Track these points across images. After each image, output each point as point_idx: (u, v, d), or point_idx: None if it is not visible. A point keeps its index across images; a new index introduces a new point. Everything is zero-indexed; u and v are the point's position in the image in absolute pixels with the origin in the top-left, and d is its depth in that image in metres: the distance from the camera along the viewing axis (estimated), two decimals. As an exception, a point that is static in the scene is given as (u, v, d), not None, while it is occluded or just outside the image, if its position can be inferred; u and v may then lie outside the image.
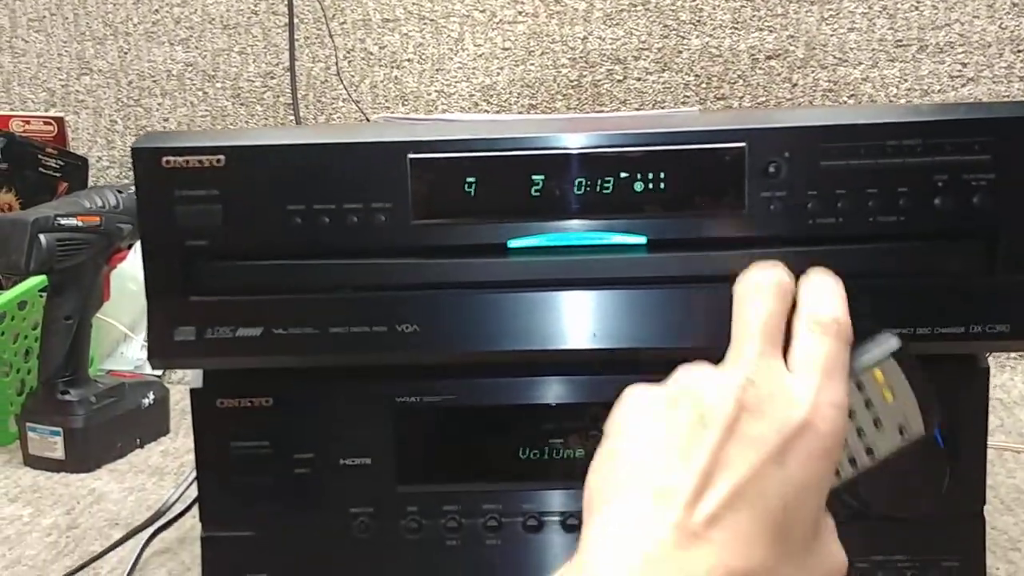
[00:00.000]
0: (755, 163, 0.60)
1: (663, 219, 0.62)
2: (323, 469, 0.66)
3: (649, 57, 1.41)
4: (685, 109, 1.37)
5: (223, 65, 1.53)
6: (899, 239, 0.61)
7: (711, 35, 1.39)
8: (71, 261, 1.01)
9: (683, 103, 1.41)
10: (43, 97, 1.58)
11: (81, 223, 1.02)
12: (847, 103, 1.36)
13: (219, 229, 0.62)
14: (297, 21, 1.49)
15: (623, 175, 0.61)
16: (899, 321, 0.60)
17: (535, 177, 0.61)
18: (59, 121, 1.53)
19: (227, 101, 1.54)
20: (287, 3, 1.49)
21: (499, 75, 1.45)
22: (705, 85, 1.40)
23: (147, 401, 1.12)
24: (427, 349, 0.62)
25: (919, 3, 1.34)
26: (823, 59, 1.36)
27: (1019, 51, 1.32)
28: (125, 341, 1.34)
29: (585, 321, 0.62)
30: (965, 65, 1.33)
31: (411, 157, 0.61)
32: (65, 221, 1.00)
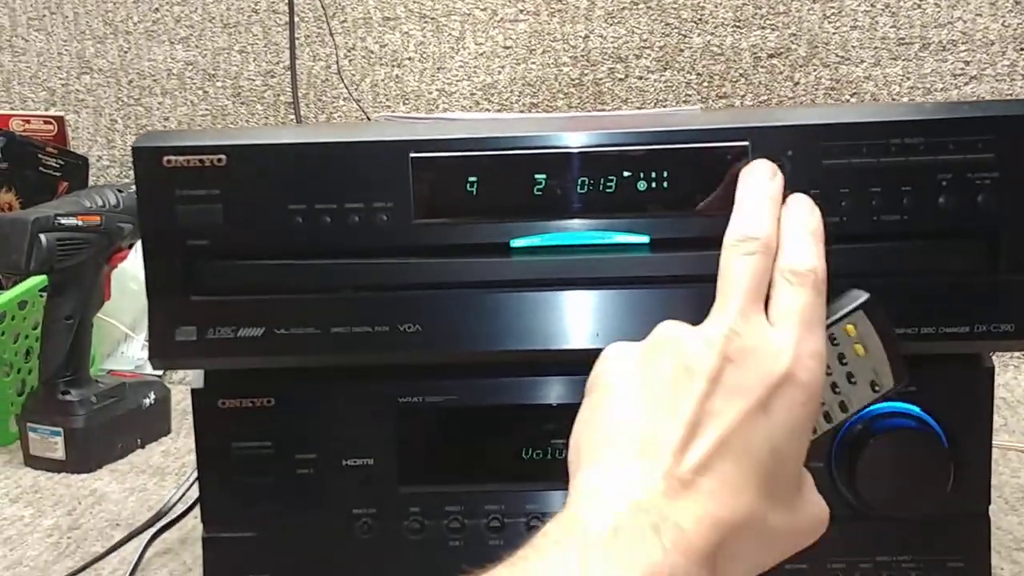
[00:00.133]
0: (758, 162, 0.59)
1: (666, 218, 0.61)
2: (325, 470, 0.66)
3: (651, 56, 1.41)
4: (687, 108, 1.37)
5: (223, 64, 1.53)
6: (902, 238, 0.60)
7: (713, 33, 1.39)
8: (72, 261, 1.01)
9: (685, 102, 1.40)
10: (43, 96, 1.58)
11: (81, 222, 1.01)
12: (849, 101, 1.36)
13: (220, 228, 0.62)
14: (297, 20, 1.49)
15: (626, 174, 0.60)
16: (903, 321, 0.60)
17: (538, 176, 0.61)
18: (59, 120, 1.53)
19: (227, 100, 1.53)
20: (287, 2, 1.48)
21: (500, 74, 1.45)
22: (707, 84, 1.40)
23: (148, 401, 1.11)
24: (429, 349, 0.62)
25: (921, 1, 1.34)
26: (825, 57, 1.36)
27: (1022, 49, 1.32)
28: (126, 341, 1.34)
29: (588, 321, 0.62)
30: (968, 63, 1.33)
31: (413, 156, 0.61)
32: (65, 220, 1.00)
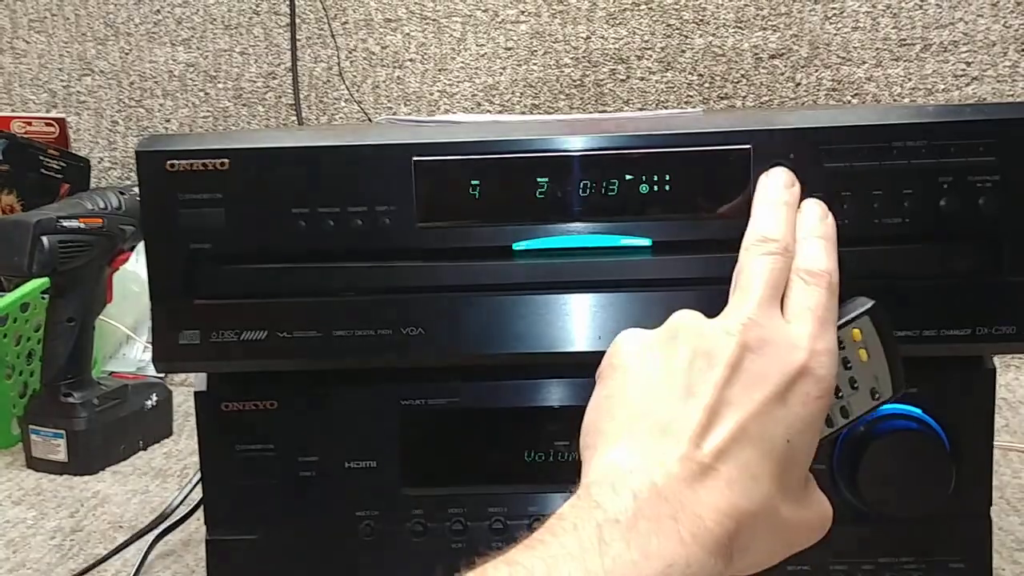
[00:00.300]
0: (761, 164, 0.59)
1: (668, 221, 0.61)
2: (328, 472, 0.66)
3: (652, 56, 1.41)
4: (689, 110, 1.37)
5: (225, 66, 1.53)
6: (904, 241, 0.60)
7: (714, 34, 1.39)
8: (74, 263, 1.01)
9: (686, 103, 1.40)
10: (44, 98, 1.58)
11: (83, 225, 1.01)
12: (851, 102, 1.36)
13: (223, 232, 0.62)
14: (299, 21, 1.49)
15: (628, 177, 0.60)
16: (905, 323, 0.60)
17: (540, 179, 0.61)
18: (61, 122, 1.53)
19: (229, 102, 1.53)
20: (289, 3, 1.49)
21: (502, 75, 1.45)
22: (708, 85, 1.40)
23: (150, 403, 1.12)
24: (432, 352, 0.62)
25: (923, 2, 1.34)
26: (827, 58, 1.36)
27: (1023, 50, 1.32)
28: (128, 343, 1.34)
29: (590, 324, 0.62)
30: (969, 64, 1.33)
31: (416, 160, 0.61)
32: (67, 223, 1.00)
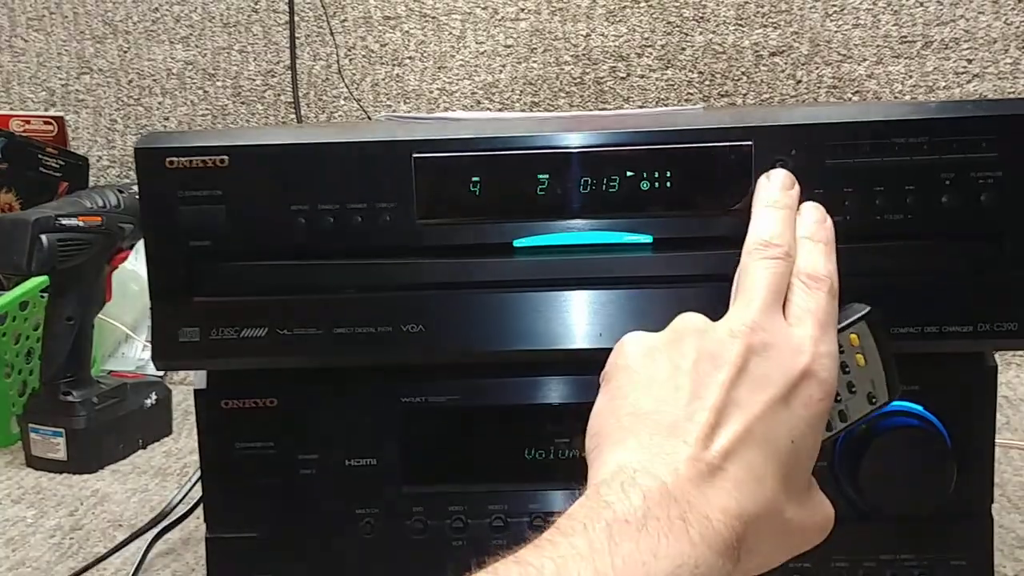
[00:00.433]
0: (762, 161, 0.59)
1: (669, 218, 0.61)
2: (328, 470, 0.65)
3: (652, 54, 1.41)
4: (689, 107, 1.37)
5: (223, 64, 1.53)
6: (905, 237, 0.60)
7: (715, 32, 1.39)
8: (73, 261, 1.01)
9: (686, 100, 1.40)
10: (43, 97, 1.58)
11: (82, 223, 1.01)
12: (851, 100, 1.36)
13: (223, 229, 0.61)
14: (298, 19, 1.49)
15: (629, 174, 0.60)
16: (906, 320, 0.60)
17: (541, 176, 0.61)
18: (59, 121, 1.53)
19: (228, 100, 1.53)
20: (287, 1, 1.48)
21: (501, 72, 1.45)
22: (708, 82, 1.40)
23: (149, 402, 1.11)
24: (432, 349, 0.62)
25: (923, -1, 1.34)
26: (827, 56, 1.36)
27: None
28: (127, 341, 1.34)
29: (591, 321, 0.62)
30: (970, 61, 1.33)
31: (416, 156, 0.61)
32: (66, 221, 1.00)
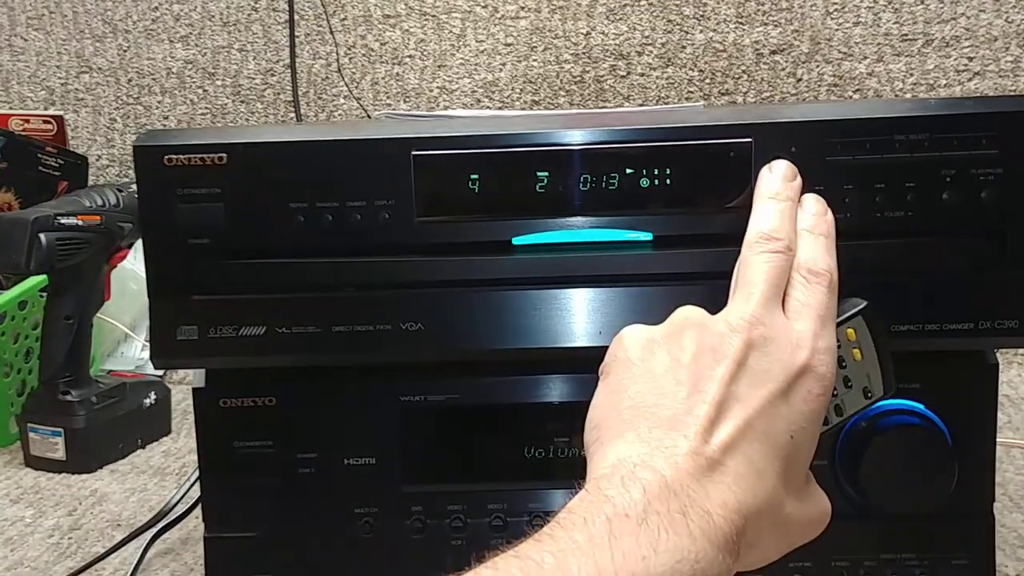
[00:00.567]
0: (762, 158, 0.59)
1: (669, 215, 0.61)
2: (327, 469, 0.65)
3: (652, 52, 1.40)
4: (689, 104, 1.36)
5: (223, 63, 1.53)
6: (906, 235, 0.60)
7: (715, 30, 1.38)
8: (72, 260, 1.01)
9: (687, 98, 1.40)
10: (42, 96, 1.58)
11: (81, 222, 1.01)
12: (852, 98, 1.36)
13: (221, 227, 0.61)
14: (297, 18, 1.49)
15: (629, 171, 0.60)
16: (907, 317, 0.59)
17: (540, 174, 0.60)
18: (58, 120, 1.53)
19: (227, 99, 1.53)
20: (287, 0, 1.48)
21: (501, 71, 1.45)
22: (709, 80, 1.39)
23: (148, 401, 1.11)
24: (431, 347, 0.62)
25: (924, -3, 1.34)
26: (828, 54, 1.36)
27: (1024, 45, 1.32)
28: (126, 341, 1.34)
29: (590, 319, 0.61)
30: (971, 59, 1.33)
31: (415, 154, 0.60)
32: (65, 220, 1.00)
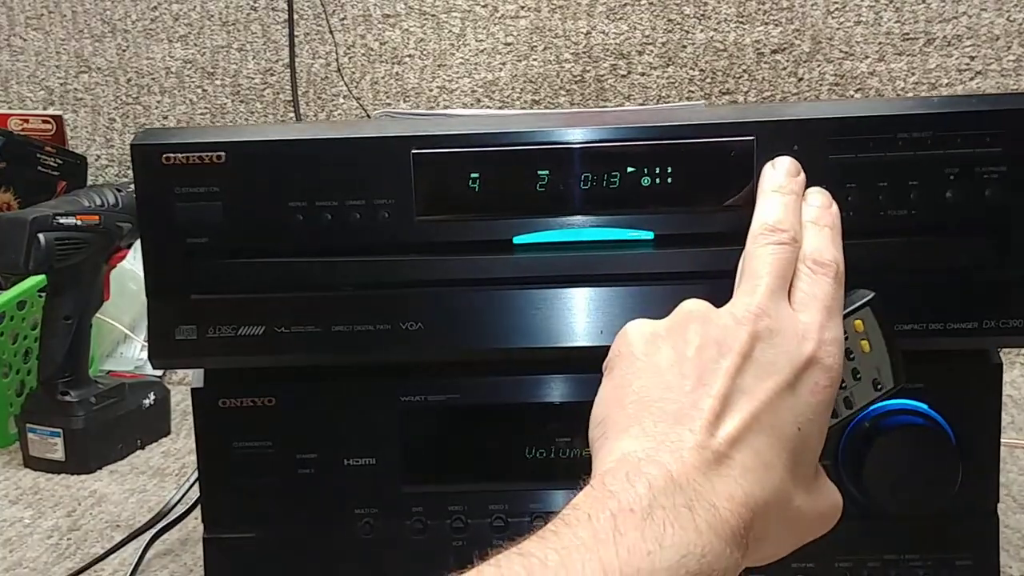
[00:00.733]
0: (764, 157, 0.58)
1: (670, 214, 0.61)
2: (326, 469, 0.65)
3: (653, 52, 1.40)
4: (691, 103, 1.36)
5: (222, 62, 1.52)
6: (909, 233, 0.60)
7: (716, 29, 1.38)
8: (70, 260, 1.01)
9: (687, 98, 1.40)
10: (41, 95, 1.58)
11: (80, 222, 1.01)
12: (853, 97, 1.35)
13: (220, 226, 0.61)
14: (297, 17, 1.49)
15: (630, 170, 0.60)
16: (911, 316, 0.59)
17: (541, 172, 0.60)
18: (57, 119, 1.52)
19: (226, 98, 1.53)
20: (287, -1, 1.48)
21: (501, 70, 1.44)
22: (710, 80, 1.39)
23: (147, 402, 1.11)
24: (432, 347, 0.61)
25: (925, -4, 1.33)
26: (829, 53, 1.35)
27: (1026, 44, 1.31)
28: (125, 341, 1.34)
29: (592, 318, 0.61)
30: (973, 58, 1.32)
31: (415, 152, 0.60)
32: (64, 220, 1.00)
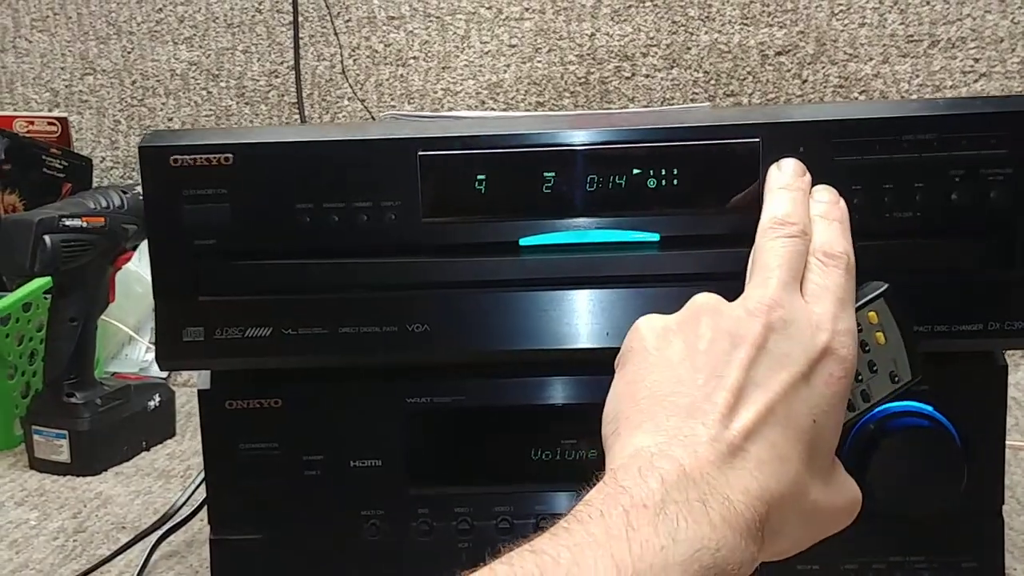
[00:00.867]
0: (769, 158, 0.58)
1: (676, 216, 0.61)
2: (333, 471, 0.65)
3: (657, 54, 1.40)
4: (696, 105, 1.36)
5: (227, 64, 1.52)
6: (915, 235, 0.60)
7: (720, 31, 1.38)
8: (76, 262, 1.01)
9: (692, 100, 1.40)
10: (47, 97, 1.58)
11: (86, 224, 1.01)
12: (858, 99, 1.35)
13: (227, 228, 0.61)
14: (301, 19, 1.49)
15: (636, 172, 0.60)
16: (916, 318, 0.59)
17: (547, 174, 0.60)
18: (63, 121, 1.53)
19: (231, 100, 1.53)
20: (291, 1, 1.48)
21: (506, 72, 1.44)
22: (714, 82, 1.39)
23: (153, 403, 1.11)
24: (438, 349, 0.61)
25: (930, -3, 1.33)
26: (833, 55, 1.35)
27: (1031, 46, 1.31)
28: (130, 343, 1.34)
29: (597, 320, 0.61)
30: (977, 60, 1.32)
31: (421, 154, 0.60)
32: (70, 222, 1.00)
